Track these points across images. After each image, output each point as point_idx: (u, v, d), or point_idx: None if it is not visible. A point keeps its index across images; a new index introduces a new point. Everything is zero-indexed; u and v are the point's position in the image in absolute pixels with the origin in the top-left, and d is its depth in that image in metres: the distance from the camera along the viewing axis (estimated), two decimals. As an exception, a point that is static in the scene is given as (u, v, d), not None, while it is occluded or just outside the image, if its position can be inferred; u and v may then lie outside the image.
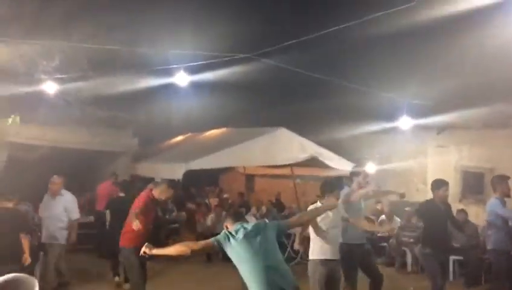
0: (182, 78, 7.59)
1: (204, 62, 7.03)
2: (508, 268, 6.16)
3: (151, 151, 12.56)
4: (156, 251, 4.22)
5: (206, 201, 12.84)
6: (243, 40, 7.36)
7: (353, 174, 6.56)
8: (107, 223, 8.81)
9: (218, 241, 3.96)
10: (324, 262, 5.17)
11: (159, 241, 8.10)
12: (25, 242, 5.28)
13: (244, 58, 6.53)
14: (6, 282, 2.07)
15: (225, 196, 13.93)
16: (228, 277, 8.64)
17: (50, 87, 9.13)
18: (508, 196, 6.23)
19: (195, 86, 8.44)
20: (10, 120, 8.42)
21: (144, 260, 5.62)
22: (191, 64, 7.27)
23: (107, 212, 8.80)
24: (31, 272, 7.63)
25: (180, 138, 13.93)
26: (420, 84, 8.85)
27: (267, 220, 10.15)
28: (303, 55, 7.12)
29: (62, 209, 7.52)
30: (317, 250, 5.20)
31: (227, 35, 7.50)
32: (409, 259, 9.65)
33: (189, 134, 13.97)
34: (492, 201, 6.25)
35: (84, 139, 11.43)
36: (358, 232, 5.82)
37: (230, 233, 3.96)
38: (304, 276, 5.30)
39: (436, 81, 8.89)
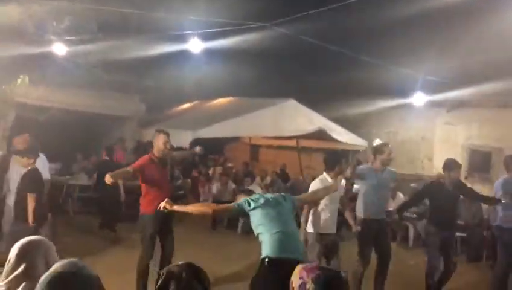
0: (195, 45, 7.49)
1: (219, 29, 6.92)
2: None
3: (158, 118, 12.54)
4: (176, 207, 4.28)
5: (209, 171, 12.85)
6: (258, 8, 7.22)
7: (377, 151, 5.89)
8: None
9: (240, 206, 4.02)
10: (323, 236, 5.28)
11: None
12: (31, 201, 5.28)
13: (258, 26, 6.41)
14: (24, 244, 2.09)
15: (229, 165, 13.95)
16: (231, 245, 8.80)
17: (59, 49, 9.06)
18: None
19: (207, 54, 8.37)
20: (19, 80, 8.37)
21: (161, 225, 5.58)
22: (205, 31, 7.16)
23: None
24: (36, 232, 7.78)
25: (187, 105, 13.89)
26: (435, 60, 8.74)
27: (271, 192, 10.24)
28: (317, 26, 6.99)
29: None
30: (317, 224, 5.28)
31: (241, 2, 7.36)
32: (411, 234, 9.73)
33: (197, 102, 13.93)
34: (506, 178, 6.24)
35: (92, 102, 11.41)
36: (378, 207, 5.75)
37: (251, 199, 4.02)
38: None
39: (451, 57, 8.78)
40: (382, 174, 5.78)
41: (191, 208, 4.51)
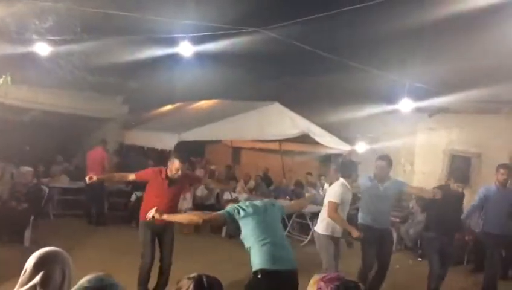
0: (185, 48, 7.44)
1: (210, 33, 6.91)
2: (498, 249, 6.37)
3: (141, 119, 12.43)
4: (166, 217, 4.26)
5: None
6: (248, 12, 7.23)
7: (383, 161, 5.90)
8: None
9: (229, 213, 4.00)
10: (334, 239, 5.53)
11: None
12: None
13: (248, 31, 6.42)
14: (42, 254, 2.06)
15: (212, 167, 13.89)
16: (215, 249, 8.78)
17: (42, 49, 8.87)
18: (502, 184, 6.36)
19: (193, 57, 8.29)
20: (1, 80, 8.15)
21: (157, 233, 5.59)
22: (195, 34, 7.13)
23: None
24: (21, 236, 7.64)
25: (171, 107, 13.78)
26: (421, 67, 8.90)
27: (255, 196, 10.26)
28: (306, 31, 7.05)
29: None
30: (328, 227, 5.50)
31: (231, 6, 7.36)
32: (394, 238, 9.85)
33: (180, 104, 13.83)
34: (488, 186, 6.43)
35: (74, 103, 11.25)
36: (379, 216, 5.83)
37: (240, 207, 4.00)
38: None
39: (436, 64, 8.96)
40: (383, 184, 5.82)
41: (182, 217, 4.51)
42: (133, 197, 9.82)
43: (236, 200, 4.53)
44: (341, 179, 5.58)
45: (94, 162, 9.81)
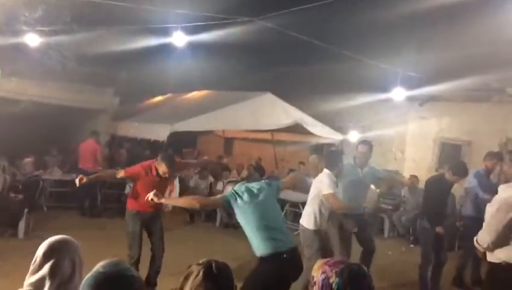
0: (178, 38, 7.39)
1: (203, 23, 6.88)
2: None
3: (133, 111, 12.35)
4: (164, 200, 4.25)
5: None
6: (240, 1, 7.20)
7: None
8: None
9: (227, 200, 3.99)
10: (320, 232, 5.41)
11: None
12: None
13: (242, 20, 6.40)
14: (51, 243, 2.07)
15: (205, 157, 13.87)
16: (209, 238, 8.83)
17: (31, 40, 8.77)
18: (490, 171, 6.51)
19: (186, 47, 8.25)
20: (-9, 72, 8.09)
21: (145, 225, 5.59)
22: (189, 24, 7.09)
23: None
24: (15, 228, 7.62)
25: (162, 98, 13.72)
26: (413, 56, 8.95)
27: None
28: (300, 20, 7.04)
29: None
30: (316, 221, 5.37)
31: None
32: (386, 225, 9.98)
33: (171, 94, 13.77)
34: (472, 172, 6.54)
35: (65, 95, 11.17)
36: (357, 201, 5.84)
37: (236, 193, 3.99)
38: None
39: (428, 53, 9.01)
40: (362, 170, 5.90)
41: (180, 201, 4.52)
42: (127, 189, 9.80)
43: (237, 181, 4.51)
44: (326, 171, 5.41)
45: (86, 154, 9.76)
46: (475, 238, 4.00)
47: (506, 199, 3.73)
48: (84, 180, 5.09)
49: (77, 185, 5.08)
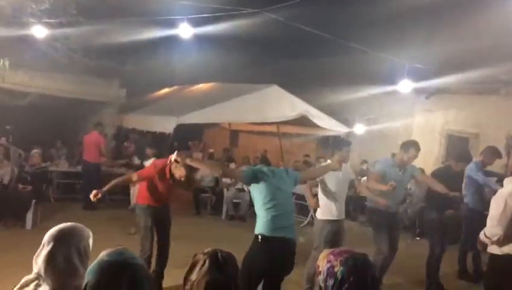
0: (184, 30, 7.36)
1: (210, 15, 6.86)
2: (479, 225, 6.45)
3: (139, 103, 12.36)
4: (189, 161, 4.25)
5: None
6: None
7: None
8: None
9: (248, 174, 3.98)
10: (332, 222, 5.40)
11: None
12: None
13: (249, 12, 6.37)
14: (62, 230, 2.08)
15: (211, 150, 13.92)
16: (215, 230, 8.86)
17: (38, 32, 8.80)
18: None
19: (192, 39, 8.22)
20: None
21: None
22: (195, 16, 7.07)
23: None
24: (23, 219, 7.70)
25: (168, 90, 13.73)
26: (420, 48, 8.89)
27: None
28: (307, 12, 7.02)
29: None
30: (326, 211, 5.38)
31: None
32: (392, 218, 9.96)
33: (176, 87, 13.77)
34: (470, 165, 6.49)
35: (71, 87, 11.22)
36: (396, 200, 5.75)
37: (259, 169, 3.99)
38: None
39: (435, 45, 8.95)
40: (403, 170, 5.67)
41: (204, 165, 4.51)
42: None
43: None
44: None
45: (90, 146, 9.78)
46: (482, 231, 4.00)
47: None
48: (99, 195, 4.97)
49: (93, 200, 4.97)
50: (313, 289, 5.37)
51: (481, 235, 4.01)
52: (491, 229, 3.89)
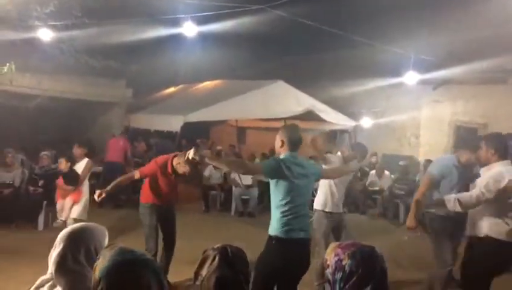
0: (189, 29, 7.38)
1: (214, 13, 6.87)
2: None
3: (145, 103, 12.44)
4: (208, 159, 3.99)
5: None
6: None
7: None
8: None
9: (270, 168, 3.75)
10: (330, 214, 5.34)
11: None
12: None
13: (253, 9, 6.38)
14: (77, 229, 2.10)
15: (218, 148, 13.94)
16: (225, 227, 8.89)
17: (44, 34, 8.86)
18: None
19: (197, 37, 8.24)
20: (6, 68, 8.15)
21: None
22: (199, 14, 7.08)
23: None
24: (35, 221, 7.78)
25: (174, 89, 13.77)
26: (426, 39, 8.84)
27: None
28: (311, 6, 7.00)
29: None
30: (324, 202, 5.34)
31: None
32: (401, 211, 9.96)
33: (182, 85, 13.81)
34: None
35: (78, 89, 11.28)
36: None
37: (283, 161, 3.73)
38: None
39: (441, 36, 8.89)
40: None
41: (223, 161, 4.34)
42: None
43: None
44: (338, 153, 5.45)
45: (116, 149, 10.08)
46: (455, 196, 4.08)
47: (491, 177, 3.90)
48: (103, 195, 4.99)
49: (97, 200, 5.00)
50: (323, 285, 5.27)
51: (452, 199, 4.08)
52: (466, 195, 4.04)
